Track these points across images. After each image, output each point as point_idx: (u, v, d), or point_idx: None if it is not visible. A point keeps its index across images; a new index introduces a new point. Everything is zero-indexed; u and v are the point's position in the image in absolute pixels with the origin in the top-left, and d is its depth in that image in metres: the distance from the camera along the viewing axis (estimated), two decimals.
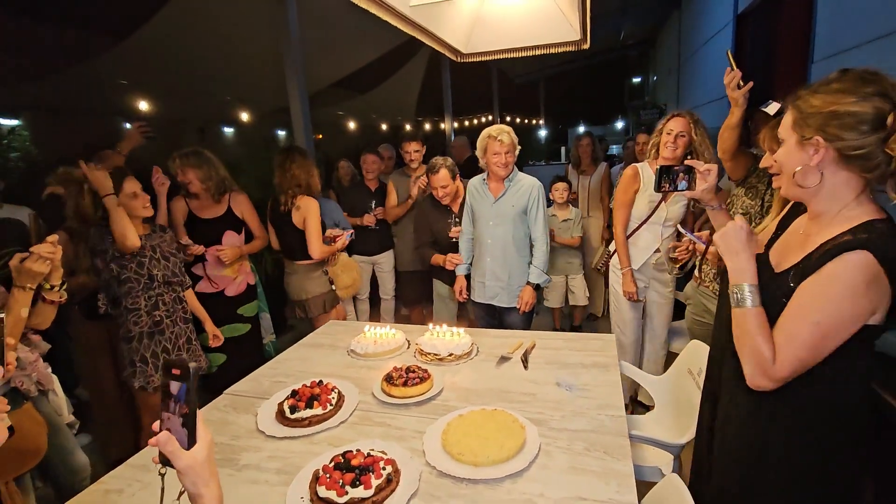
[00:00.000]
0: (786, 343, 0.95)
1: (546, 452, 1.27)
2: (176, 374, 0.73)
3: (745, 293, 1.02)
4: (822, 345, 0.93)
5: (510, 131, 2.39)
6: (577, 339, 2.00)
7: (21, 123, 5.96)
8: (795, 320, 0.95)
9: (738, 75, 1.74)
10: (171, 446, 0.73)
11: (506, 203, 2.45)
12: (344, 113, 8.53)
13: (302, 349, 2.10)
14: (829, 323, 0.91)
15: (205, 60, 5.36)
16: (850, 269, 0.90)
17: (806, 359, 0.94)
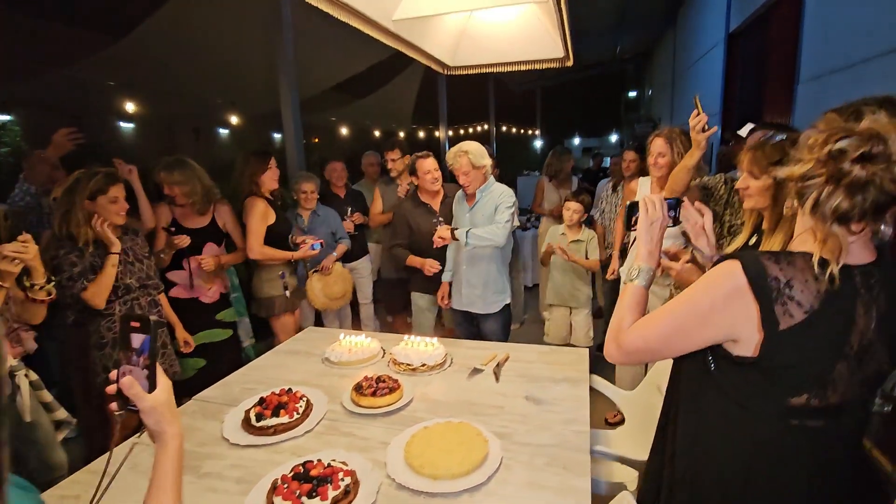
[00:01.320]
0: (643, 321, 1.00)
1: (507, 467, 1.27)
2: (136, 326, 0.80)
3: (642, 271, 1.11)
4: (671, 335, 0.93)
5: (466, 152, 2.42)
6: (550, 353, 2.00)
7: (12, 119, 5.96)
8: (663, 308, 0.97)
9: (703, 119, 1.79)
10: (136, 389, 0.78)
11: (478, 212, 2.51)
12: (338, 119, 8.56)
13: (277, 356, 2.10)
14: (683, 312, 0.91)
15: (200, 63, 5.38)
16: (717, 272, 0.88)
17: (651, 342, 0.96)
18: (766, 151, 1.28)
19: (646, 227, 1.17)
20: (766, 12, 4.25)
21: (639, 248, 1.16)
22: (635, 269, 1.12)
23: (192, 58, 5.24)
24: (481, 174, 2.45)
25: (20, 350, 1.79)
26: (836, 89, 2.73)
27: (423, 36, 2.05)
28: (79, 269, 1.94)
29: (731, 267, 0.85)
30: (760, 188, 1.29)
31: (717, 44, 5.50)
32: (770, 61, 4.30)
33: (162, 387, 0.81)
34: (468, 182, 2.47)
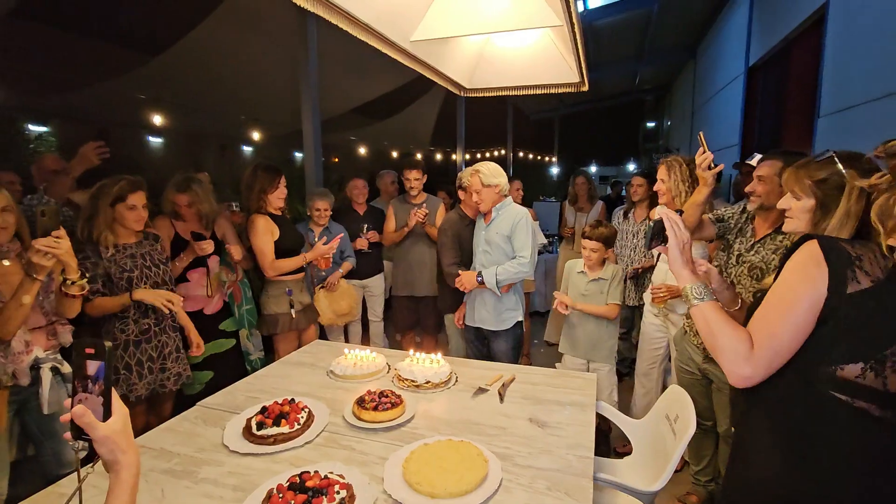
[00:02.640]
0: (758, 327, 0.99)
1: (506, 489, 1.24)
2: (90, 353, 0.77)
3: (701, 291, 1.11)
4: (793, 320, 0.94)
5: (477, 171, 2.48)
6: (557, 376, 1.97)
7: (49, 130, 6.22)
8: (765, 303, 1.00)
9: (709, 157, 1.80)
10: (88, 418, 0.76)
11: (492, 231, 2.53)
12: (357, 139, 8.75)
13: (283, 366, 2.11)
14: (789, 296, 0.96)
15: (228, 83, 5.59)
16: (799, 254, 0.97)
17: (775, 331, 0.96)
18: (811, 169, 1.20)
19: (678, 250, 1.19)
20: (786, 46, 4.26)
21: (679, 272, 1.18)
22: (697, 290, 1.12)
23: (220, 77, 5.46)
24: (494, 193, 2.48)
25: (53, 343, 1.83)
26: (857, 123, 2.70)
27: (441, 58, 2.10)
28: (91, 274, 1.99)
29: (808, 245, 0.96)
30: (801, 209, 1.24)
31: (737, 76, 5.52)
32: (790, 94, 4.29)
33: (118, 415, 0.79)
34: (480, 200, 2.50)
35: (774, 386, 1.00)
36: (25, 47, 4.25)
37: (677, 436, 1.52)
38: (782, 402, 1.00)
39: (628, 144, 16.21)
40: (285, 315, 2.68)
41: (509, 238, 2.49)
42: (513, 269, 2.43)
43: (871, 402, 0.90)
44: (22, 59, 4.38)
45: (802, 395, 0.96)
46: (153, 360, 2.17)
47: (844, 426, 0.92)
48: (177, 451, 1.42)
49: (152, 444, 1.45)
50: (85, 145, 2.47)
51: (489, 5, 2.33)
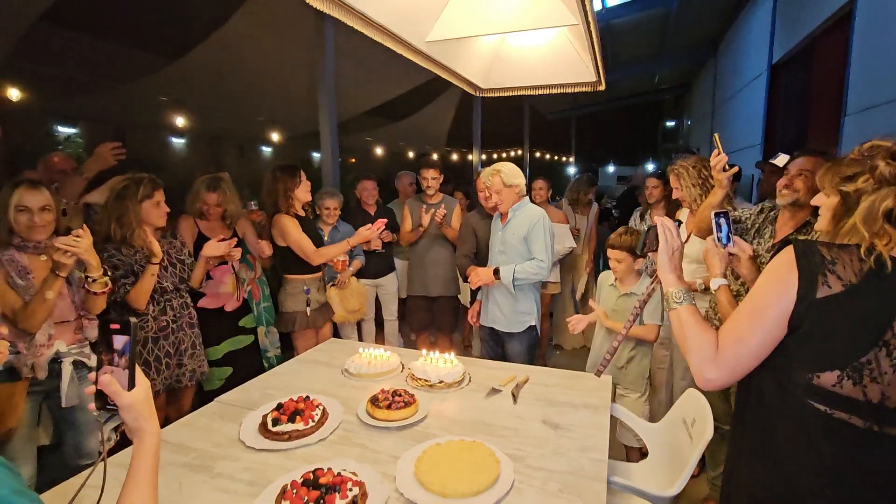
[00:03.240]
0: (725, 330, 0.99)
1: (518, 490, 1.23)
2: (116, 328, 0.82)
3: (682, 295, 1.11)
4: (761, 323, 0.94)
5: (499, 171, 2.48)
6: (572, 378, 1.95)
7: (77, 132, 6.41)
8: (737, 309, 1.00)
9: (724, 159, 1.77)
10: (114, 386, 0.81)
11: (509, 232, 2.52)
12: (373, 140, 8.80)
13: (298, 364, 2.13)
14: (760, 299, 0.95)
15: (247, 85, 5.68)
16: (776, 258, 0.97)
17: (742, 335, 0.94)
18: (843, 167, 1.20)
19: (668, 256, 1.20)
20: (811, 44, 4.16)
21: (665, 276, 1.18)
22: (674, 295, 1.13)
23: (239, 79, 5.55)
24: (514, 193, 2.47)
25: (79, 337, 1.89)
26: (884, 121, 2.62)
27: (456, 58, 2.11)
28: (121, 271, 2.05)
29: (785, 249, 0.95)
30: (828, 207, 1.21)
31: (759, 74, 5.40)
32: (814, 92, 4.18)
33: (141, 386, 0.84)
34: (500, 201, 2.49)
35: (756, 392, 0.99)
36: (53, 51, 4.39)
37: (694, 440, 1.49)
38: (762, 409, 0.98)
39: (646, 144, 15.98)
40: (302, 313, 2.72)
41: (525, 240, 2.47)
42: (531, 269, 2.41)
43: (851, 413, 0.86)
44: (50, 62, 4.52)
45: (779, 403, 0.94)
46: (170, 357, 2.21)
47: (822, 436, 0.88)
48: (194, 446, 1.45)
49: (171, 438, 1.48)
50: (101, 146, 2.44)
51: (505, 5, 2.32)
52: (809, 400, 0.89)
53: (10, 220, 1.72)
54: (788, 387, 0.92)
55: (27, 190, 1.74)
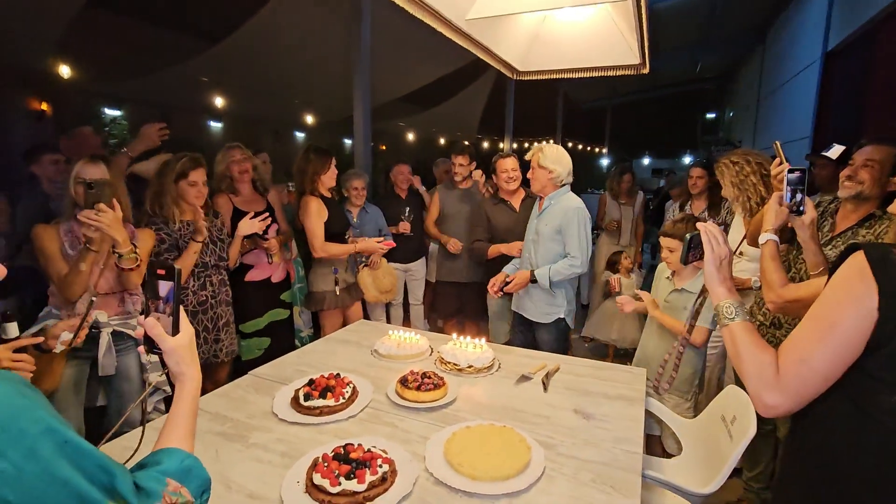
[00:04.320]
0: (788, 349, 0.88)
1: (549, 477, 1.21)
2: (162, 273, 0.84)
3: (734, 309, 1.01)
4: (831, 343, 0.83)
5: (541, 149, 2.42)
6: (604, 369, 1.91)
7: (122, 114, 6.63)
8: (802, 326, 0.88)
9: (786, 168, 1.66)
10: (158, 330, 0.83)
11: (543, 221, 2.46)
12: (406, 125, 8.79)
13: (330, 343, 2.16)
14: (826, 312, 0.85)
15: (284, 67, 5.74)
16: (844, 266, 0.86)
17: (805, 354, 0.84)
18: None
19: (715, 266, 1.08)
20: (872, 29, 3.89)
21: (713, 289, 1.08)
22: (726, 309, 1.02)
23: (276, 63, 5.61)
24: (546, 177, 2.39)
25: (121, 310, 1.95)
26: None
27: (495, 38, 2.05)
28: (166, 245, 2.11)
29: (854, 256, 0.84)
30: None
31: (811, 63, 5.10)
32: (875, 81, 3.92)
33: (184, 332, 0.86)
34: (533, 178, 2.44)
35: (823, 412, 0.88)
36: (100, 35, 4.53)
37: (734, 438, 1.43)
38: (829, 430, 0.88)
39: (685, 136, 15.39)
40: (330, 293, 2.77)
41: (559, 232, 2.39)
42: (566, 270, 2.36)
43: None
44: (98, 46, 4.67)
45: (855, 427, 0.84)
46: (208, 331, 2.28)
47: None
48: (230, 416, 1.48)
49: (208, 407, 1.52)
50: (146, 126, 2.44)
51: None
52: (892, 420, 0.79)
53: (72, 193, 1.80)
54: (869, 410, 0.82)
55: (86, 164, 1.82)
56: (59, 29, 4.19)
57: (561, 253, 2.43)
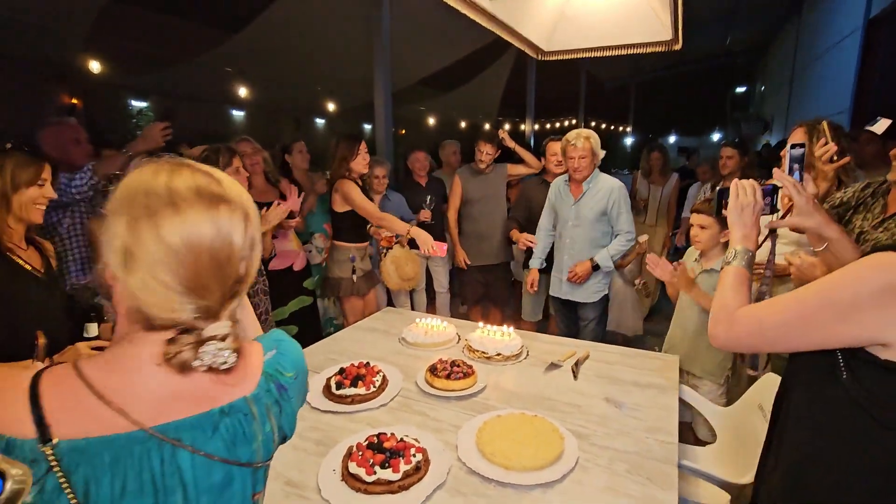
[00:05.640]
0: (762, 304, 0.88)
1: (583, 468, 1.21)
2: None
3: (739, 253, 1.01)
4: (795, 325, 0.80)
5: (589, 136, 2.44)
6: (634, 356, 1.88)
7: (148, 105, 6.75)
8: (789, 293, 0.85)
9: (832, 149, 1.56)
10: None
11: (584, 206, 2.49)
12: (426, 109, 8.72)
13: (357, 332, 2.18)
14: (816, 302, 0.78)
15: (304, 57, 5.73)
16: (867, 265, 0.75)
17: (768, 328, 0.84)
18: None
19: (737, 213, 1.08)
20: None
21: (732, 233, 1.08)
22: (731, 252, 1.03)
23: (297, 51, 5.60)
24: (594, 164, 2.45)
25: None
26: None
27: (520, 17, 1.98)
28: None
29: (886, 260, 0.72)
30: None
31: (852, 31, 4.82)
32: None
33: None
34: (582, 167, 2.44)
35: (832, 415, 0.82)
36: (125, 29, 4.59)
37: None
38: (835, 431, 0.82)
39: (713, 113, 14.82)
40: (347, 279, 2.79)
41: (605, 214, 2.46)
42: (623, 246, 2.47)
43: None
44: (123, 39, 4.74)
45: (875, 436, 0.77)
46: None
47: None
48: None
49: None
50: (150, 126, 2.34)
51: None
52: None
53: None
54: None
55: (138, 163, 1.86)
56: (87, 24, 4.26)
57: (606, 232, 2.50)
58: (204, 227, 0.57)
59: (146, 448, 0.56)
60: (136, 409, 0.56)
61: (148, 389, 0.58)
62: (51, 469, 0.51)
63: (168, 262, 0.55)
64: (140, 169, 0.59)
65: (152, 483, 0.57)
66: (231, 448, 0.62)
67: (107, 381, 0.56)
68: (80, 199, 2.11)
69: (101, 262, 0.57)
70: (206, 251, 0.57)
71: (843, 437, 0.80)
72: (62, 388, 0.55)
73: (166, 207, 0.56)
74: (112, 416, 0.55)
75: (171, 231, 0.55)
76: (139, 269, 0.55)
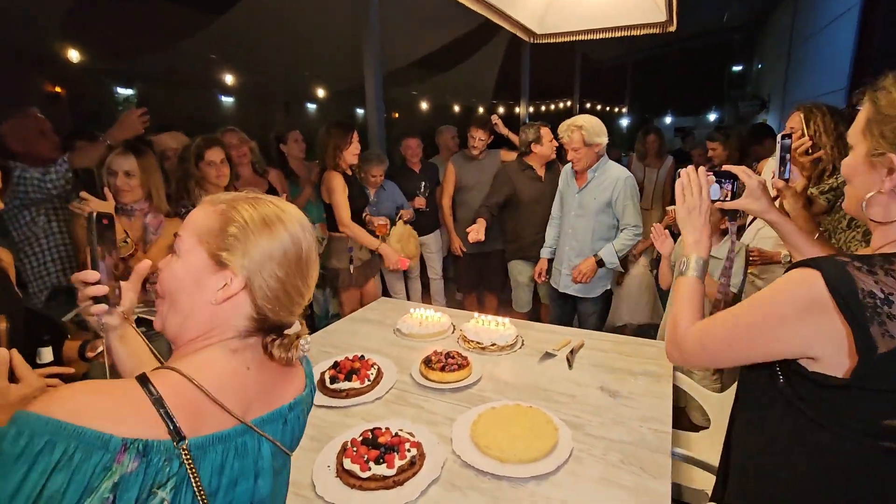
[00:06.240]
0: (706, 322, 0.88)
1: (577, 459, 1.21)
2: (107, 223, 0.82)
3: (691, 262, 0.99)
4: (732, 341, 0.81)
5: (580, 126, 2.33)
6: (628, 344, 1.88)
7: (134, 93, 6.60)
8: (728, 311, 0.85)
9: (806, 143, 1.52)
10: None
11: (588, 195, 2.41)
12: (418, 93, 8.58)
13: (351, 323, 2.17)
14: (746, 321, 0.79)
15: (291, 39, 5.59)
16: (790, 281, 0.75)
17: (710, 346, 0.85)
18: None
19: (685, 215, 1.03)
20: None
21: (684, 238, 1.03)
22: (683, 261, 1.00)
23: (283, 33, 5.47)
24: (593, 153, 2.34)
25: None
26: None
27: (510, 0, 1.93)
28: None
29: (808, 276, 0.71)
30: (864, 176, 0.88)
31: (849, 8, 4.75)
32: None
33: None
34: (577, 159, 2.37)
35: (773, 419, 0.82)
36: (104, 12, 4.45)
37: None
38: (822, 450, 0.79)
39: (709, 91, 14.68)
40: (345, 270, 2.77)
41: (610, 205, 2.36)
42: (630, 241, 2.38)
43: None
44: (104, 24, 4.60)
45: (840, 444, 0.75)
46: None
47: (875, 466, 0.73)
48: None
49: None
50: (127, 114, 2.18)
51: None
52: (871, 440, 0.72)
53: (106, 183, 1.81)
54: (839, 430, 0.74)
55: (117, 155, 1.83)
56: (65, 9, 4.13)
57: (611, 225, 2.41)
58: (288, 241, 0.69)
59: (244, 440, 0.67)
60: (235, 407, 0.66)
61: (242, 388, 0.68)
62: (182, 465, 0.59)
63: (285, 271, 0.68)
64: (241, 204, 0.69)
65: (253, 467, 0.68)
66: (290, 440, 0.76)
67: (212, 382, 0.64)
68: (56, 194, 2.02)
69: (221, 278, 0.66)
70: (296, 258, 0.70)
71: (782, 437, 0.80)
72: (174, 390, 0.61)
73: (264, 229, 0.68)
74: (223, 415, 0.64)
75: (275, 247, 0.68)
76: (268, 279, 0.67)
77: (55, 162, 1.97)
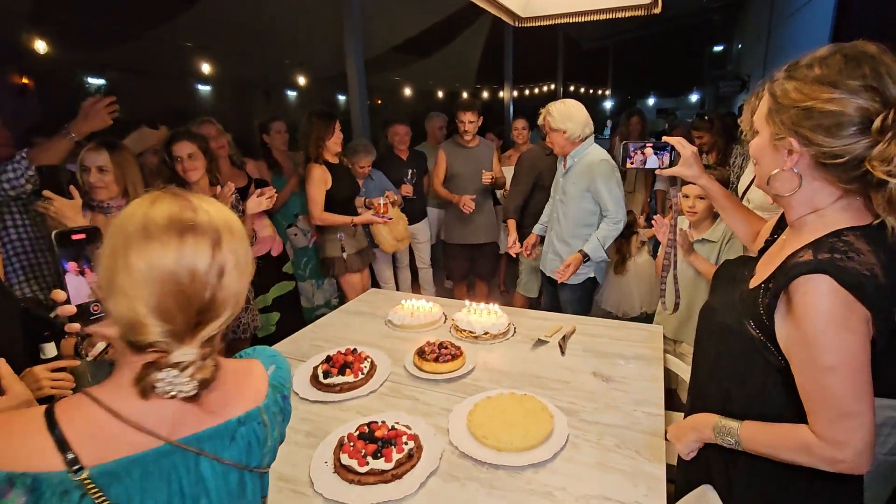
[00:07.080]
0: (818, 407, 0.80)
1: (573, 445, 1.23)
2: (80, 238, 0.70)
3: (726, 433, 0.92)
4: (857, 382, 0.77)
5: (549, 111, 2.29)
6: (619, 328, 1.90)
7: (106, 83, 6.38)
8: (809, 378, 0.80)
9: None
10: None
11: (569, 180, 2.36)
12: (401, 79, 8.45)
13: (342, 315, 2.15)
14: (833, 361, 0.77)
15: (270, 25, 5.45)
16: (819, 300, 0.77)
17: (852, 408, 0.77)
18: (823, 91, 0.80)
19: None
20: None
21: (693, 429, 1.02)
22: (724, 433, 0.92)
23: (262, 19, 5.32)
24: (562, 138, 2.26)
25: None
26: None
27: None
28: None
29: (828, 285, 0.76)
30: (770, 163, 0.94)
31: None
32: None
33: None
34: (551, 143, 2.36)
35: None
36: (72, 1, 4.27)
37: None
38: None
39: (691, 72, 14.74)
40: (339, 258, 2.77)
41: (588, 190, 2.29)
42: (611, 232, 2.28)
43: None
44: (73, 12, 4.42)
45: None
46: None
47: None
48: None
49: None
50: (87, 101, 1.90)
51: None
52: None
53: (80, 179, 1.76)
54: None
55: (89, 150, 1.78)
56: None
57: (592, 210, 2.34)
58: (167, 255, 0.59)
59: (172, 461, 0.62)
60: (158, 425, 0.61)
61: (166, 405, 0.61)
62: (85, 495, 0.55)
63: (137, 287, 0.58)
64: (139, 198, 0.63)
65: (180, 493, 0.62)
66: (246, 455, 0.69)
67: (123, 403, 0.60)
68: (16, 195, 1.82)
69: (96, 286, 0.62)
70: (169, 278, 0.59)
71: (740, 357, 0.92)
72: (81, 416, 0.58)
73: (139, 234, 0.59)
74: (137, 436, 0.59)
75: (137, 258, 0.58)
76: (117, 293, 0.58)
77: (11, 159, 1.77)
